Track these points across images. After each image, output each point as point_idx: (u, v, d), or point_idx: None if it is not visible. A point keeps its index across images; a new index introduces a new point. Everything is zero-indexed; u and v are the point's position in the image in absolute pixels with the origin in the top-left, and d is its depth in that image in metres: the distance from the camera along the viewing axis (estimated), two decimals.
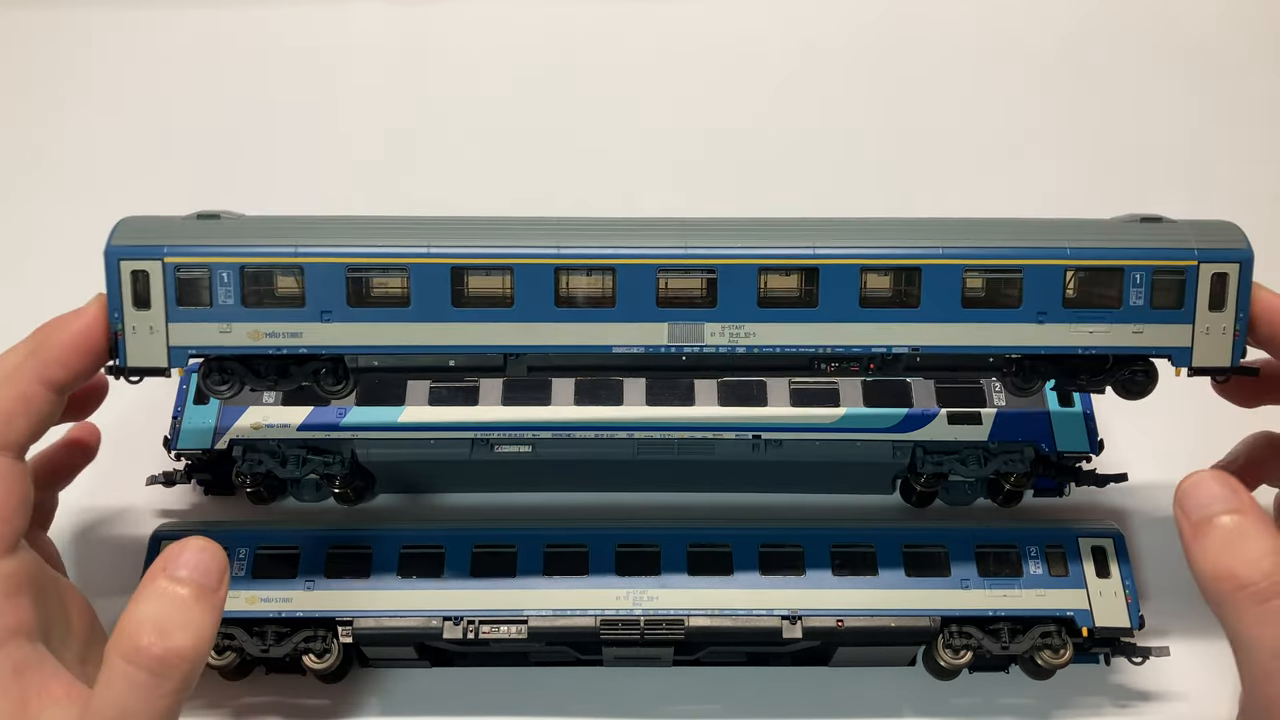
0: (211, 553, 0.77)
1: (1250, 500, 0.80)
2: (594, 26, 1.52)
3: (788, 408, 1.17)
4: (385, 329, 0.93)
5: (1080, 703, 1.10)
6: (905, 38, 1.51)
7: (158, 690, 0.72)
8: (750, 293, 0.94)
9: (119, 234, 0.92)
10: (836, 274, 0.94)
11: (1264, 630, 0.76)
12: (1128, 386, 0.99)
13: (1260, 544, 0.77)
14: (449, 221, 0.95)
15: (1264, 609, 0.76)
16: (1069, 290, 0.94)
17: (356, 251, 0.92)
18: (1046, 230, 0.96)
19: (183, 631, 0.73)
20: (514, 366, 0.97)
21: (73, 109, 1.48)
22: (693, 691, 1.11)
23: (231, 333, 0.92)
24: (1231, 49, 1.51)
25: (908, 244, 0.94)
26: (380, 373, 0.97)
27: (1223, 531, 0.78)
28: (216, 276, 0.91)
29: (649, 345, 0.94)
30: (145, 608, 0.74)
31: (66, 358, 0.87)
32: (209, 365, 0.95)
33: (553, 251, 0.92)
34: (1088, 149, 1.46)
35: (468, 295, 0.93)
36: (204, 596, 0.75)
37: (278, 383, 0.96)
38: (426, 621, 1.04)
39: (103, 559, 1.16)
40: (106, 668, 0.73)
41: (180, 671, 0.73)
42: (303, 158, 1.44)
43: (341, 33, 1.51)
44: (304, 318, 0.92)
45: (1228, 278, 0.94)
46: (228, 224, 0.94)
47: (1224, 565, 0.77)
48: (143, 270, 0.91)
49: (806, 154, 1.46)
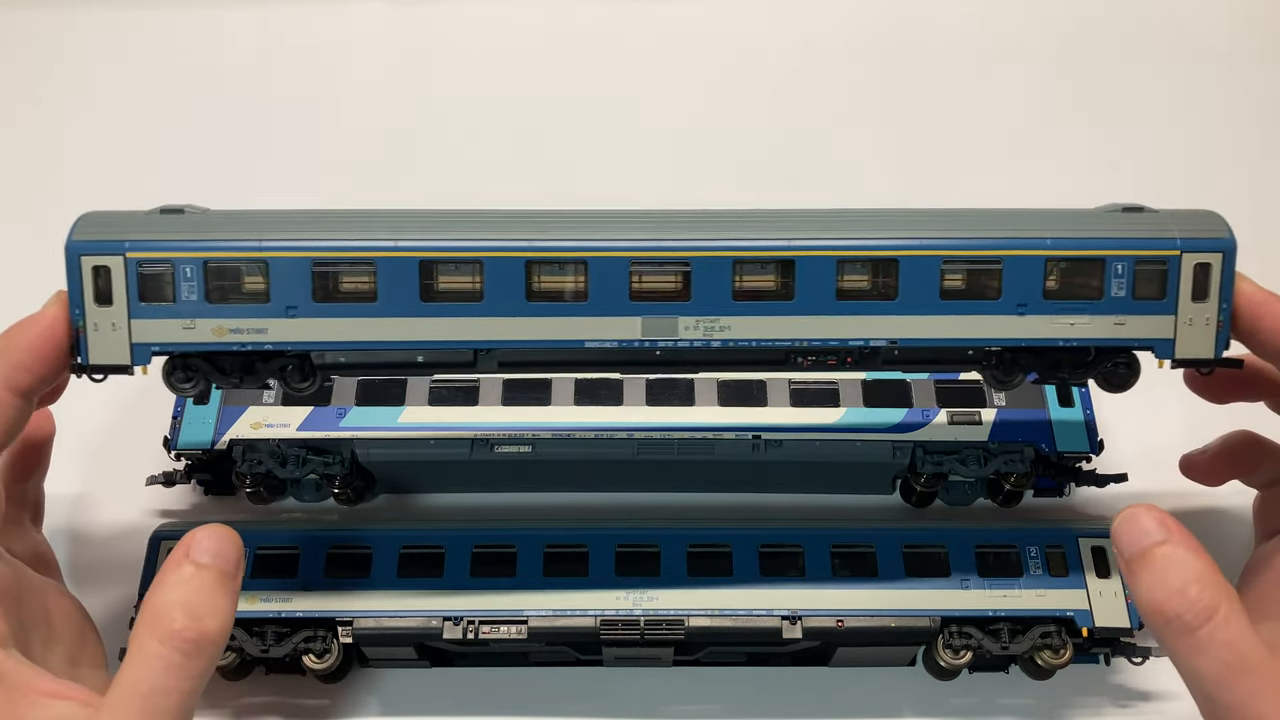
0: (231, 539, 0.80)
1: (1178, 529, 0.78)
2: (594, 26, 1.52)
3: (788, 408, 1.17)
4: (352, 324, 0.91)
5: (1080, 703, 1.10)
6: (904, 38, 1.51)
7: (188, 671, 0.75)
8: (725, 286, 0.92)
9: (80, 229, 0.90)
10: (812, 266, 0.92)
11: (1199, 660, 0.75)
12: (1109, 379, 0.97)
13: (1185, 572, 0.76)
14: (417, 215, 0.93)
15: (1194, 639, 0.75)
16: (1050, 281, 0.93)
17: (322, 245, 0.90)
18: (1026, 220, 0.94)
19: (210, 616, 0.76)
20: (484, 362, 0.95)
21: (73, 108, 1.48)
22: (693, 691, 1.11)
23: (195, 329, 0.90)
24: (1232, 49, 1.51)
25: (884, 235, 0.93)
26: (347, 369, 0.95)
27: (1152, 565, 0.77)
28: (180, 271, 0.89)
29: (622, 340, 0.93)
30: (174, 593, 0.77)
31: (30, 362, 0.86)
32: (173, 363, 0.93)
33: (523, 244, 0.91)
34: (1084, 150, 1.46)
35: (437, 290, 0.92)
36: (226, 581, 0.79)
37: (243, 380, 0.94)
38: (426, 621, 1.04)
39: (102, 559, 1.15)
40: (137, 649, 0.75)
41: (208, 654, 0.76)
42: (303, 158, 1.44)
43: (341, 33, 1.51)
44: (269, 313, 0.90)
45: (1210, 268, 0.92)
46: (191, 218, 0.92)
47: (1155, 600, 0.76)
48: (104, 265, 0.89)
49: (807, 154, 1.46)
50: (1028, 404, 1.17)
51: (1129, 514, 0.80)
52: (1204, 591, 0.76)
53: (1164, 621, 0.76)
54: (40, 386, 0.88)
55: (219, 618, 0.77)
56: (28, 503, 1.04)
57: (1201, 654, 0.75)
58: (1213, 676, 0.75)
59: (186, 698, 0.75)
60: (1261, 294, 0.92)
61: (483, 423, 1.16)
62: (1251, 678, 0.74)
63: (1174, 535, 0.78)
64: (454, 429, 1.15)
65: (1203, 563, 0.77)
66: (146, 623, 0.76)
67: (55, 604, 0.92)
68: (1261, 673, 0.74)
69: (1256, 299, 0.92)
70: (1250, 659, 0.74)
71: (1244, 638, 0.75)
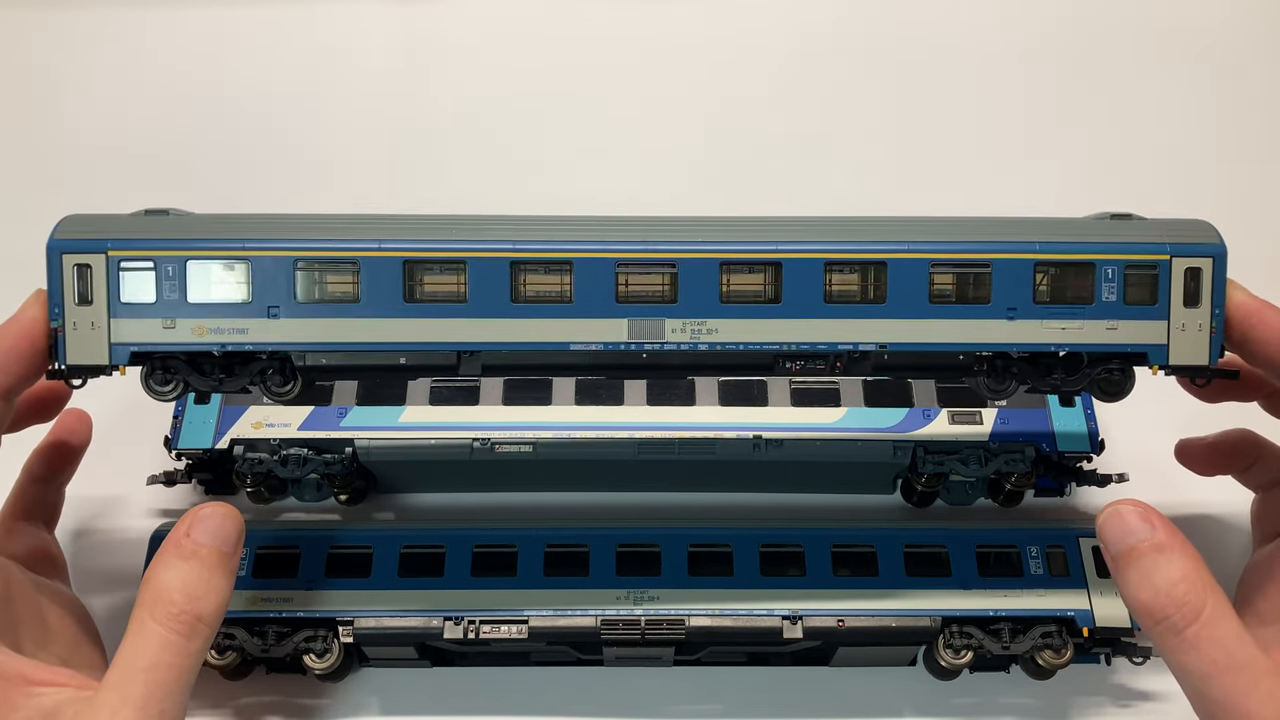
0: (231, 518, 0.82)
1: (1163, 525, 0.79)
2: (593, 26, 1.51)
3: (788, 407, 1.17)
4: (334, 325, 0.91)
5: (1081, 703, 1.10)
6: (891, 49, 1.50)
7: (187, 649, 0.78)
8: (712, 288, 0.92)
9: (62, 228, 0.90)
10: (800, 269, 0.92)
11: (1187, 658, 0.75)
12: (1104, 386, 0.96)
13: (1171, 571, 0.77)
14: (402, 217, 0.93)
15: (1182, 639, 0.75)
16: (1040, 286, 0.93)
17: (304, 245, 0.91)
18: (1015, 227, 0.94)
19: (208, 597, 0.79)
20: (467, 365, 0.94)
21: (73, 108, 1.48)
22: (693, 691, 1.11)
23: (176, 328, 0.90)
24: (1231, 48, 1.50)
25: (872, 238, 0.93)
26: (328, 372, 0.95)
27: (1139, 564, 0.78)
28: (162, 270, 0.90)
29: (608, 342, 0.92)
30: (173, 574, 0.79)
31: (7, 363, 0.87)
32: (152, 365, 0.92)
33: (508, 245, 0.91)
34: (1072, 159, 1.45)
35: (420, 291, 0.91)
36: (224, 562, 0.81)
37: (223, 383, 0.93)
38: (427, 621, 1.04)
39: (103, 558, 1.16)
40: (138, 628, 0.77)
41: (203, 634, 0.79)
42: (303, 158, 1.44)
43: (331, 35, 1.50)
44: (251, 314, 0.90)
45: (1201, 273, 0.92)
46: (175, 220, 0.92)
47: (1143, 599, 0.77)
48: (86, 264, 0.89)
49: (809, 154, 1.45)
50: (1029, 404, 1.17)
51: (1114, 510, 0.80)
52: (1190, 591, 0.76)
53: (1152, 621, 0.77)
54: (19, 387, 0.88)
55: (216, 597, 0.80)
56: (45, 504, 1.04)
57: (1189, 652, 0.75)
58: (1201, 674, 0.75)
59: (186, 673, 0.78)
60: (1254, 302, 0.92)
61: (483, 422, 1.16)
62: (1240, 675, 0.74)
63: (1159, 532, 0.78)
64: (455, 429, 1.15)
65: (1189, 561, 0.77)
66: (146, 603, 0.78)
67: (52, 605, 0.92)
68: (1250, 670, 0.74)
69: (1249, 307, 0.92)
70: (1238, 657, 0.75)
71: (1231, 636, 0.75)
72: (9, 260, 1.09)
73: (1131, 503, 0.80)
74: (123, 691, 0.75)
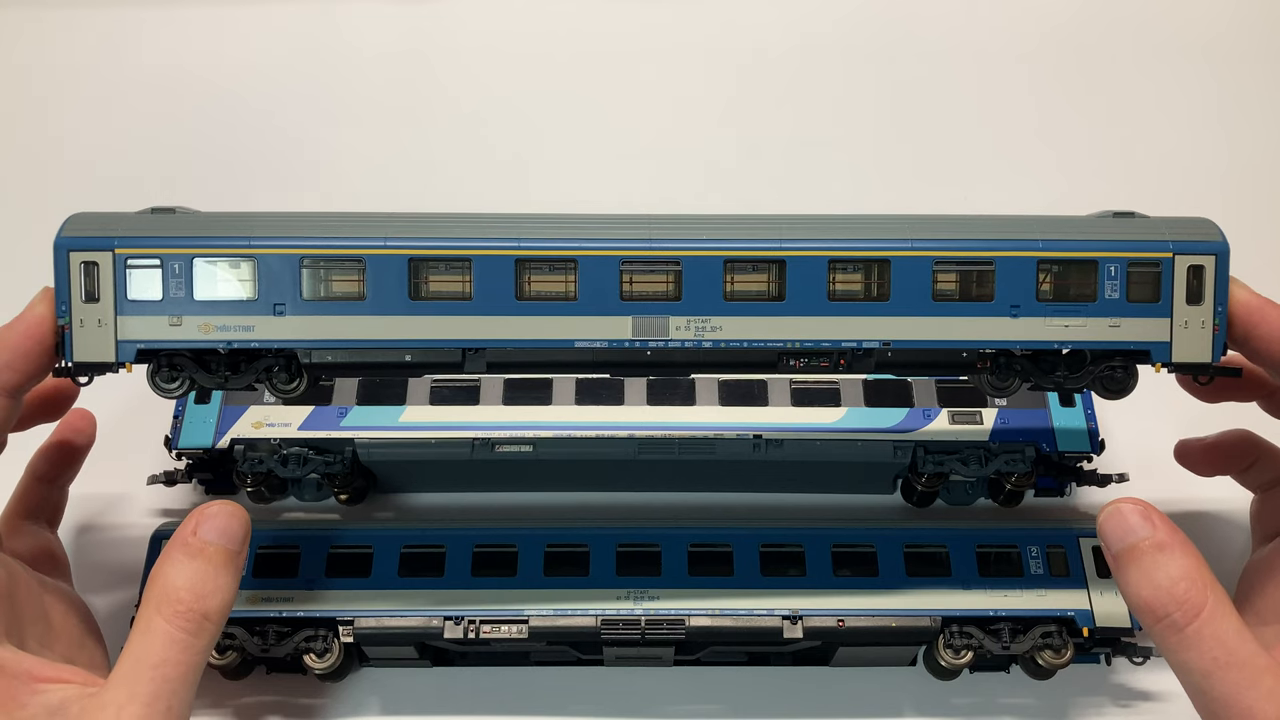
0: (238, 516, 0.83)
1: (1163, 524, 0.79)
2: (599, 25, 1.51)
3: (789, 407, 1.17)
4: (340, 322, 0.91)
5: (1081, 703, 1.10)
6: (893, 48, 1.50)
7: (194, 646, 0.78)
8: (716, 286, 0.92)
9: (69, 226, 0.90)
10: (804, 267, 0.92)
11: (1188, 655, 0.76)
12: (1107, 384, 0.96)
13: (1171, 569, 0.77)
14: (407, 216, 0.94)
15: (1183, 636, 0.76)
16: (1043, 284, 0.93)
17: (310, 243, 0.91)
18: (1018, 225, 0.94)
19: (214, 595, 0.79)
20: (473, 362, 0.94)
21: (72, 109, 1.48)
22: (693, 691, 1.11)
23: (182, 326, 0.90)
24: (1234, 46, 1.50)
25: (876, 236, 0.93)
26: (334, 369, 0.95)
27: (1139, 562, 0.78)
28: (168, 268, 0.90)
29: (612, 340, 0.93)
30: (180, 572, 0.79)
31: (15, 361, 0.87)
32: (158, 362, 0.92)
33: (513, 243, 0.91)
34: (1075, 158, 1.45)
35: (426, 289, 0.92)
36: (230, 561, 0.81)
37: (228, 380, 0.94)
38: (427, 621, 1.04)
39: (103, 558, 1.16)
40: (145, 625, 0.78)
41: (210, 632, 0.79)
42: (307, 157, 1.44)
43: (332, 35, 1.51)
44: (257, 311, 0.91)
45: (1204, 270, 0.92)
46: (182, 218, 0.93)
47: (1144, 597, 0.77)
48: (93, 261, 0.89)
49: (812, 153, 1.45)
50: (1029, 404, 1.17)
51: (1114, 509, 0.80)
52: (1191, 589, 0.76)
53: (1153, 619, 0.77)
54: (27, 384, 0.88)
55: (222, 595, 0.80)
56: (48, 504, 1.04)
57: (1190, 649, 0.76)
58: (1202, 671, 0.75)
59: (192, 670, 0.78)
60: (1257, 300, 0.92)
61: (484, 422, 1.16)
62: (1241, 672, 0.74)
63: (1160, 531, 0.78)
64: (455, 428, 1.15)
65: (1189, 559, 0.77)
66: (153, 600, 0.78)
67: (55, 604, 0.92)
68: (1251, 667, 0.74)
69: (1252, 305, 0.92)
70: (1239, 653, 0.75)
71: (1232, 633, 0.75)
72: (16, 258, 1.10)
73: (1132, 501, 0.80)
74: (130, 688, 0.75)
